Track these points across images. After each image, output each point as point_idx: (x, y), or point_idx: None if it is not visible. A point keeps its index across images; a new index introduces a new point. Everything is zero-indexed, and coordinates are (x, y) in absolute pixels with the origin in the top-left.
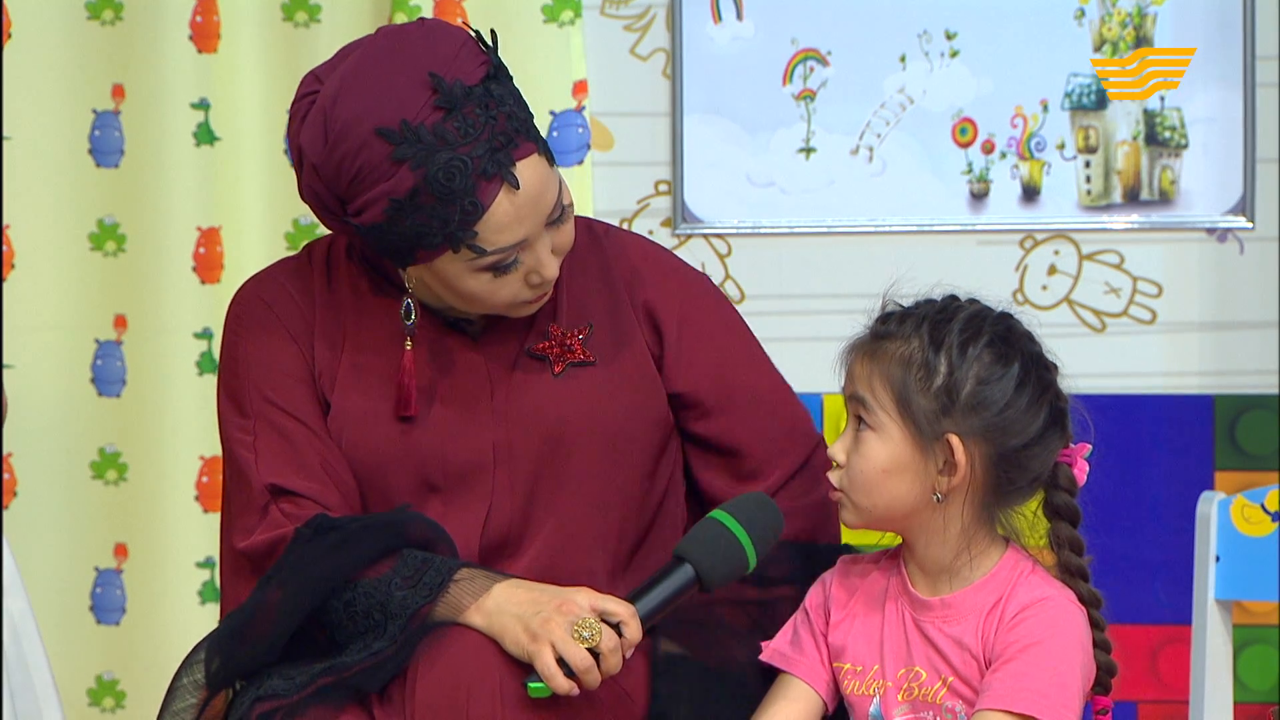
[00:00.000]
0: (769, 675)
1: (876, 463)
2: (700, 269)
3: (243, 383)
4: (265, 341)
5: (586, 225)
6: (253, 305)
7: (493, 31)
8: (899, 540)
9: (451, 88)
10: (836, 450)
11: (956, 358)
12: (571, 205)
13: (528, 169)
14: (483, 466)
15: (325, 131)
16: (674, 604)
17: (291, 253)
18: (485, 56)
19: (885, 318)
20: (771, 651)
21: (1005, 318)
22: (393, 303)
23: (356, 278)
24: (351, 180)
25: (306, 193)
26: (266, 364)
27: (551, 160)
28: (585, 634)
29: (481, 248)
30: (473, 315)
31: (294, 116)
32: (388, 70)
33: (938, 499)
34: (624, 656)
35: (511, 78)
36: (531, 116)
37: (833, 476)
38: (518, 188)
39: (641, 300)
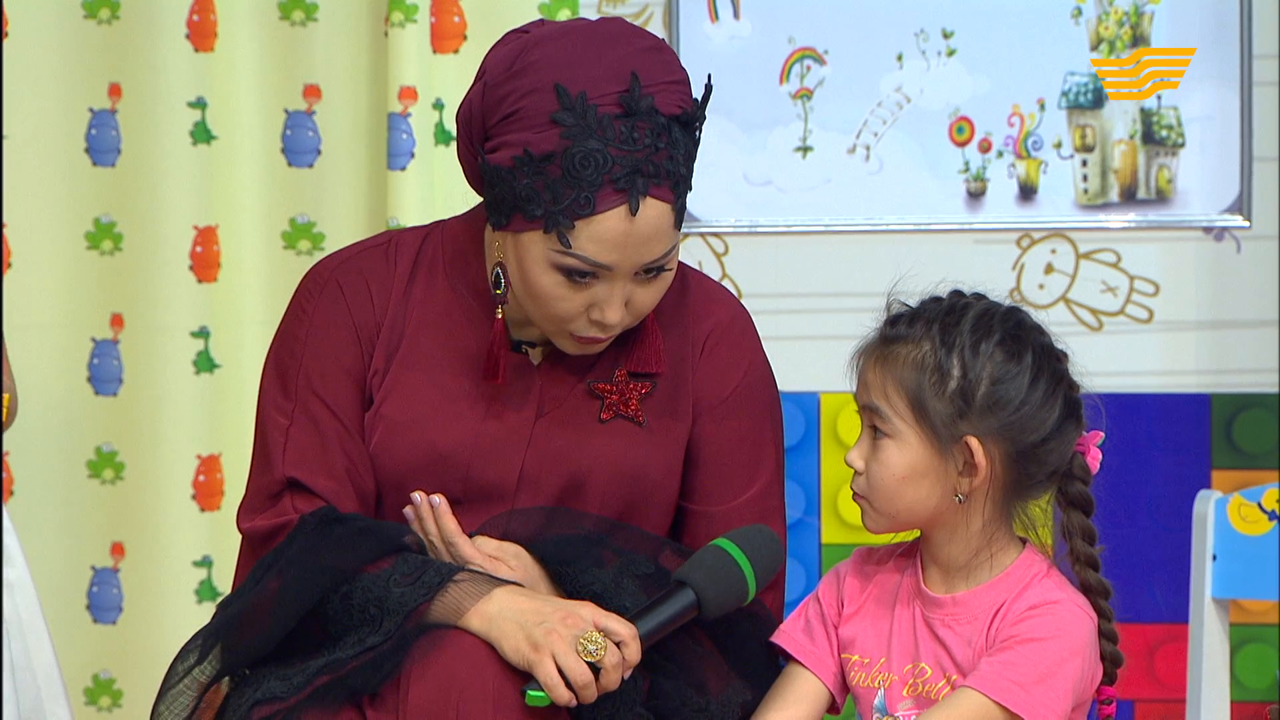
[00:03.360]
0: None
1: (896, 470)
2: (698, 265)
3: (295, 363)
4: (327, 329)
5: (680, 274)
6: (327, 287)
7: (709, 88)
8: (914, 535)
9: (641, 99)
10: (854, 458)
11: (969, 358)
12: (670, 274)
13: (654, 209)
14: (505, 490)
15: (514, 60)
16: (671, 627)
17: (285, 249)
18: (690, 103)
19: (894, 319)
20: (785, 636)
21: (1014, 312)
22: (461, 317)
23: (435, 285)
24: (506, 116)
25: (462, 110)
26: (322, 352)
27: (679, 224)
28: (591, 648)
29: (569, 241)
30: (532, 338)
31: (503, 40)
32: (602, 47)
33: (959, 500)
34: (623, 676)
35: (699, 140)
36: (690, 180)
37: (854, 484)
38: (634, 214)
39: (702, 374)
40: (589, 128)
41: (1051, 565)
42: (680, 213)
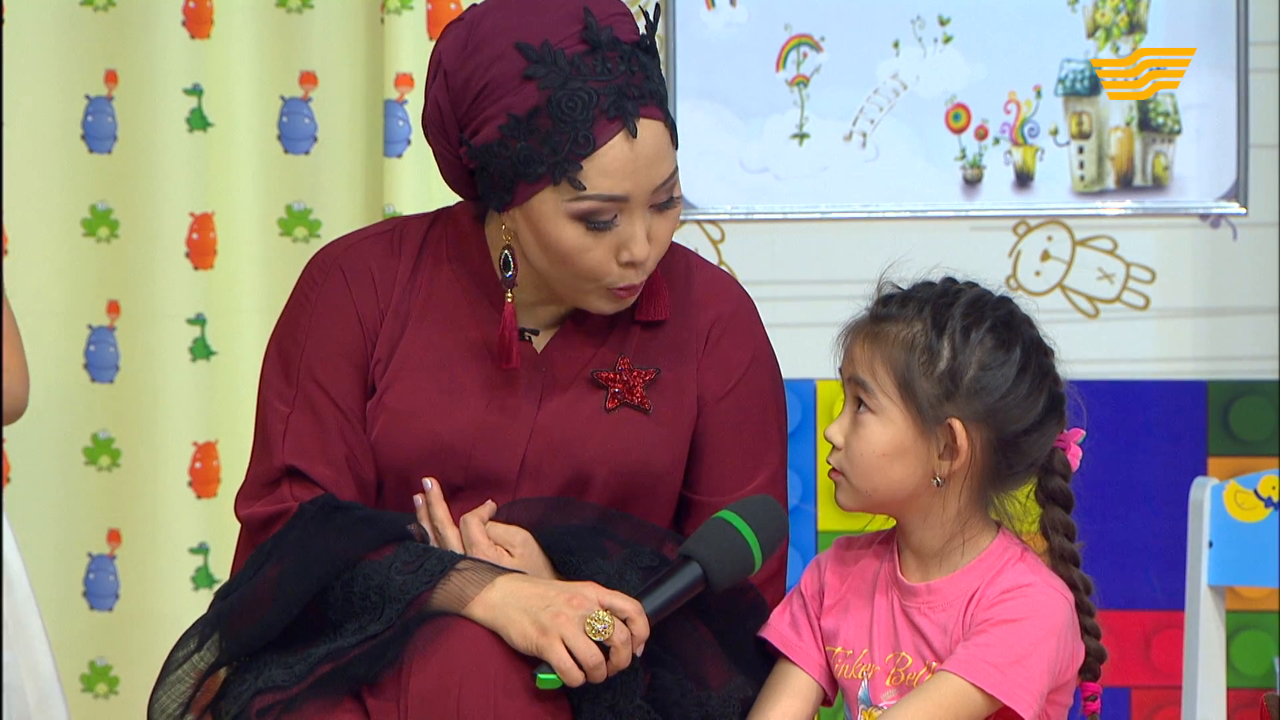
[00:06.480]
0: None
1: (877, 446)
2: (690, 247)
3: (298, 350)
4: (331, 316)
5: (685, 262)
6: (332, 273)
7: (657, 6)
8: (892, 523)
9: (601, 31)
10: (834, 432)
11: (960, 342)
12: (680, 203)
13: (649, 129)
14: (507, 479)
15: (467, 40)
16: (679, 602)
17: (281, 236)
18: (643, 30)
19: (886, 300)
20: (773, 632)
21: (1006, 302)
22: (465, 305)
23: (439, 273)
24: (478, 94)
25: (430, 109)
26: (325, 340)
27: (675, 142)
28: (599, 627)
29: (582, 183)
30: (537, 324)
31: (443, 34)
32: None
33: (937, 483)
34: (632, 652)
35: (660, 61)
36: (667, 97)
37: (832, 458)
38: (635, 136)
39: (706, 365)
40: (563, 71)
41: (1026, 549)
42: (673, 131)
